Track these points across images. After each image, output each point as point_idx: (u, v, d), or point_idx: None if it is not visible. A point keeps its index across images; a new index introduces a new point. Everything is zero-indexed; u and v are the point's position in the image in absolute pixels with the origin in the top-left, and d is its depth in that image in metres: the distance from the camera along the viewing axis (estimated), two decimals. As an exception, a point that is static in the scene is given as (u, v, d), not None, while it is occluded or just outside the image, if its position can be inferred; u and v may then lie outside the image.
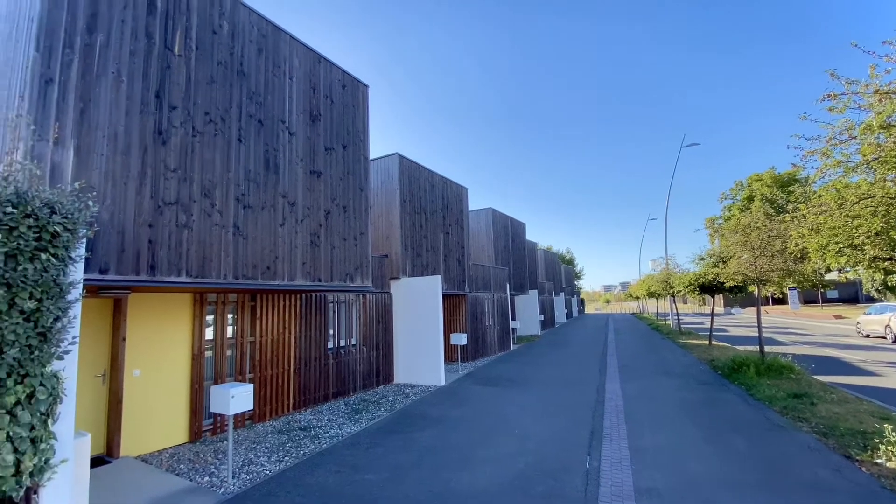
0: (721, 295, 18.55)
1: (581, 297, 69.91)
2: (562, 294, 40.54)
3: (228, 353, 7.56)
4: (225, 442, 6.82)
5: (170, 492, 4.98)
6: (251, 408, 5.41)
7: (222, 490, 5.01)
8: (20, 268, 2.90)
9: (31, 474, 3.06)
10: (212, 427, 7.21)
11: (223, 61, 5.76)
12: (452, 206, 14.83)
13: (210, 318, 7.35)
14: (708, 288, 17.47)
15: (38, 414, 3.13)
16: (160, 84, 4.97)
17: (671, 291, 23.28)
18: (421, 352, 11.42)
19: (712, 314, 18.54)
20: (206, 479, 5.37)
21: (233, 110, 5.82)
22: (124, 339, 6.18)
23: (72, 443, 3.45)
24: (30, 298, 2.97)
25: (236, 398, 5.14)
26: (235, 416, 7.29)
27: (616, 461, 5.57)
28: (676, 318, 26.85)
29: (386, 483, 5.04)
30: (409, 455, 5.94)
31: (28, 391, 3.07)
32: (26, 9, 4.34)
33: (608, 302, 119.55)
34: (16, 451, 2.99)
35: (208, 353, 7.29)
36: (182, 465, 5.87)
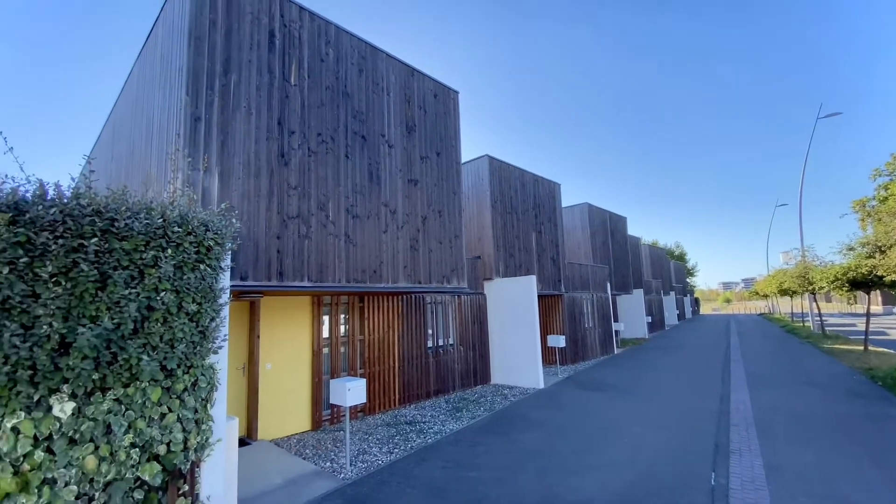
0: (878, 291, 15.39)
1: (695, 296, 63.03)
2: (672, 293, 37.11)
3: (342, 350, 8.27)
4: (341, 431, 7.47)
5: (300, 473, 5.59)
6: (364, 401, 5.85)
7: (342, 476, 5.49)
8: (185, 277, 3.51)
9: (195, 450, 3.67)
10: (330, 417, 7.94)
11: (330, 85, 6.35)
12: (545, 204, 14.46)
13: (325, 318, 8.12)
14: (860, 283, 14.61)
15: (200, 399, 3.74)
16: (281, 112, 5.65)
17: (810, 288, 19.95)
18: (517, 353, 11.31)
19: (868, 314, 15.48)
20: (328, 464, 5.93)
21: (340, 129, 6.38)
22: (258, 337, 7.11)
23: (224, 425, 4.06)
24: (192, 302, 3.57)
25: (352, 391, 5.60)
26: (351, 408, 7.96)
27: (748, 480, 4.94)
28: (818, 319, 22.89)
29: (491, 482, 5.08)
30: (513, 456, 5.92)
31: (192, 380, 3.69)
32: (177, 60, 5.25)
33: (728, 301, 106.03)
34: (184, 430, 3.62)
35: (325, 350, 8.05)
36: (307, 451, 6.56)
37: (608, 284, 18.23)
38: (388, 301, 9.16)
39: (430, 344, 10.10)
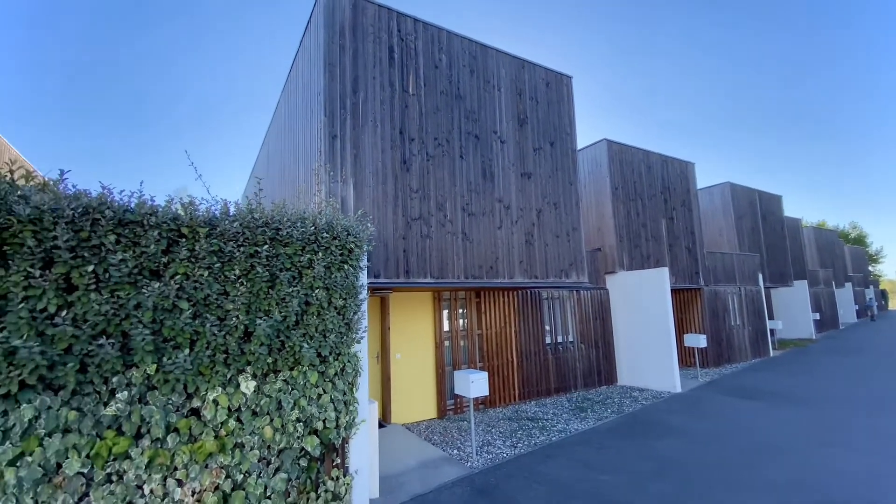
0: None
1: (880, 287, 50.13)
2: (847, 285, 30.36)
3: (461, 343, 8.58)
4: (465, 422, 7.76)
5: (430, 458, 5.97)
6: (487, 393, 6.00)
7: (469, 464, 5.71)
8: (333, 276, 4.01)
9: (345, 428, 4.17)
10: (453, 407, 8.30)
11: (444, 90, 6.61)
12: (676, 187, 13.01)
13: (445, 312, 8.50)
14: None
15: (347, 383, 4.24)
16: (402, 122, 6.08)
17: None
18: (648, 353, 10.41)
19: None
20: (455, 451, 6.21)
21: (454, 131, 6.61)
22: (389, 329, 7.76)
23: (367, 407, 4.54)
24: (339, 298, 4.06)
25: (475, 383, 5.79)
26: (473, 399, 8.22)
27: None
28: None
29: (624, 488, 4.79)
30: (648, 463, 5.49)
31: (341, 366, 4.20)
32: (315, 86, 5.98)
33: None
34: (335, 409, 4.13)
35: (446, 343, 8.44)
36: (435, 437, 6.96)
37: (760, 276, 15.67)
38: (504, 296, 9.21)
39: (548, 340, 9.88)
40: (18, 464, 2.77)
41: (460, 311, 8.70)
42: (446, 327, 8.50)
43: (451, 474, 5.39)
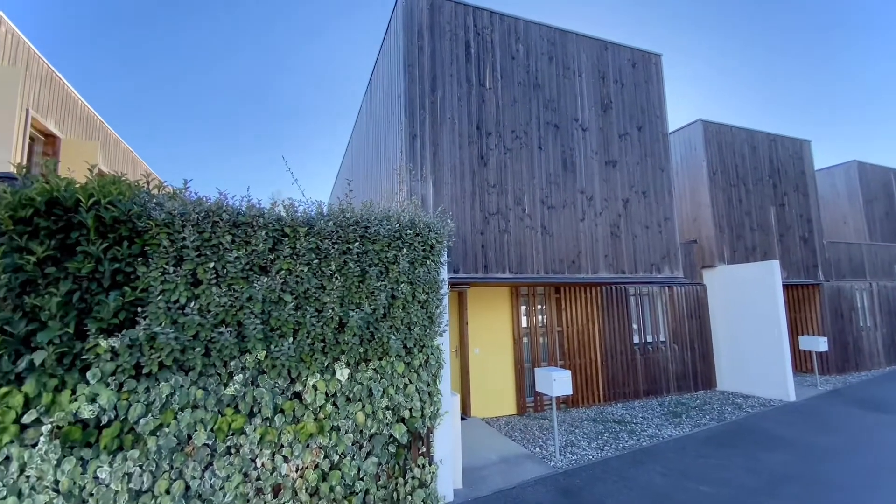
0: None
1: None
2: None
3: (540, 340, 8.39)
4: (546, 420, 7.59)
5: (511, 453, 5.94)
6: (570, 392, 5.80)
7: (552, 463, 5.58)
8: (416, 271, 4.14)
9: (430, 418, 4.29)
10: (533, 404, 8.17)
11: (522, 81, 6.48)
12: (787, 169, 11.47)
13: (523, 308, 8.37)
14: None
15: (431, 375, 4.35)
16: (479, 117, 6.07)
17: None
18: (755, 356, 9.34)
19: None
20: (537, 449, 6.11)
21: (532, 122, 6.45)
22: (467, 324, 7.84)
23: (450, 399, 4.63)
24: (423, 292, 4.18)
25: (558, 382, 5.63)
26: (555, 398, 8.03)
27: None
28: None
29: (730, 502, 4.37)
30: (756, 478, 4.94)
31: (425, 358, 4.33)
32: (396, 89, 6.18)
33: None
34: (420, 400, 4.27)
35: (524, 340, 8.31)
36: (516, 433, 6.90)
37: (898, 270, 13.28)
38: (586, 292, 8.83)
39: (636, 340, 9.29)
40: (158, 433, 3.25)
41: (539, 307, 8.51)
42: (524, 323, 8.37)
43: (534, 472, 5.31)
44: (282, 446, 3.61)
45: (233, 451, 3.47)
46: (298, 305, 3.62)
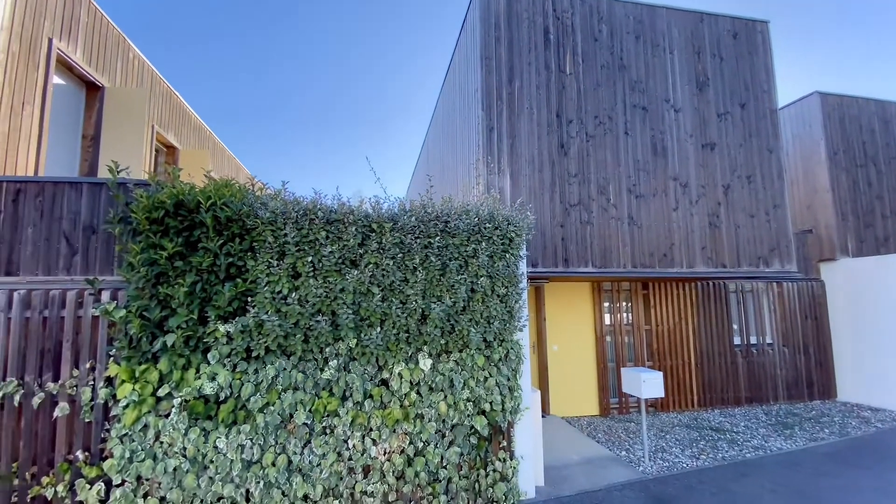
0: None
1: None
2: None
3: (625, 339, 7.93)
4: (632, 423, 7.18)
5: (595, 455, 5.70)
6: (661, 395, 5.42)
7: (641, 469, 5.26)
8: (496, 265, 4.11)
9: (510, 413, 4.25)
10: (618, 406, 7.76)
11: (605, 63, 6.12)
12: (935, 145, 9.57)
13: (606, 304, 7.96)
14: None
15: (511, 370, 4.31)
16: (559, 104, 5.85)
17: None
18: (887, 363, 7.98)
19: None
20: (623, 453, 5.80)
21: (617, 106, 6.07)
22: (545, 320, 7.64)
23: (530, 395, 4.55)
24: (502, 286, 4.15)
25: (647, 383, 5.28)
26: (644, 400, 7.58)
27: None
28: None
29: (859, 533, 3.79)
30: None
31: (504, 352, 4.30)
32: (472, 82, 6.16)
33: None
34: (501, 394, 4.25)
35: (607, 338, 7.91)
36: (599, 435, 6.61)
37: None
38: (678, 288, 8.15)
39: (737, 341, 8.40)
40: (265, 411, 3.59)
41: (624, 303, 8.03)
42: (608, 320, 7.96)
43: (620, 476, 5.05)
44: (371, 430, 3.81)
45: (328, 431, 3.73)
46: (385, 297, 3.78)
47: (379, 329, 3.75)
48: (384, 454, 3.85)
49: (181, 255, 3.44)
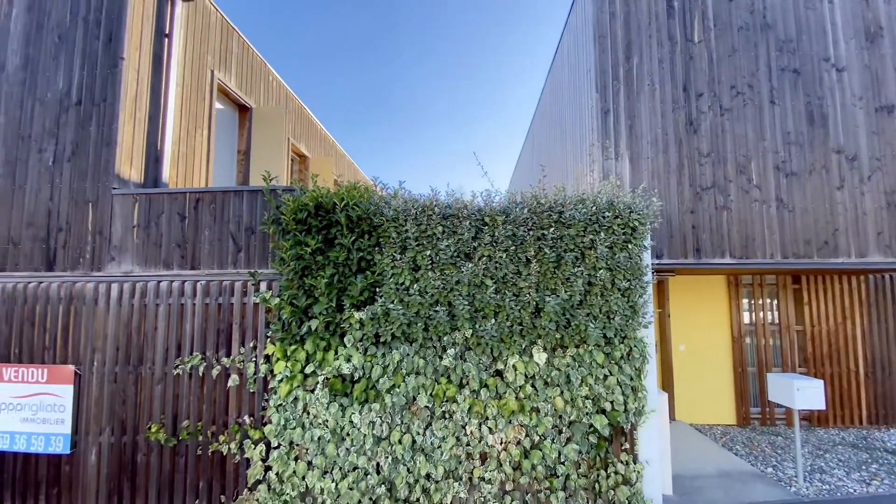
0: None
1: None
2: None
3: (770, 340, 6.88)
4: (779, 436, 6.24)
5: (733, 468, 5.09)
6: (822, 407, 4.61)
7: (793, 489, 4.56)
8: (616, 256, 3.87)
9: (634, 414, 3.99)
10: (759, 416, 6.80)
11: (743, 24, 5.33)
12: None
13: (745, 301, 7.00)
14: None
15: (634, 369, 4.04)
16: (685, 77, 5.26)
17: None
18: None
19: None
20: (769, 469, 5.08)
21: (760, 72, 5.26)
22: (669, 316, 6.99)
23: (657, 397, 4.22)
24: (623, 279, 3.90)
25: (802, 392, 4.54)
26: (798, 412, 6.54)
27: None
28: None
29: None
30: None
31: (627, 350, 4.04)
32: (584, 64, 5.85)
33: None
34: (623, 393, 4.00)
35: (747, 339, 6.96)
36: (737, 446, 5.88)
37: None
38: (840, 282, 6.81)
39: (929, 347, 6.75)
40: (391, 392, 3.89)
41: (769, 299, 6.98)
42: (747, 319, 6.99)
43: (767, 495, 4.43)
44: (487, 418, 3.89)
45: (447, 415, 3.91)
46: (498, 289, 3.82)
47: (493, 321, 3.80)
48: (500, 444, 3.91)
49: (321, 250, 3.89)
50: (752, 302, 6.96)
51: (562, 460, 3.89)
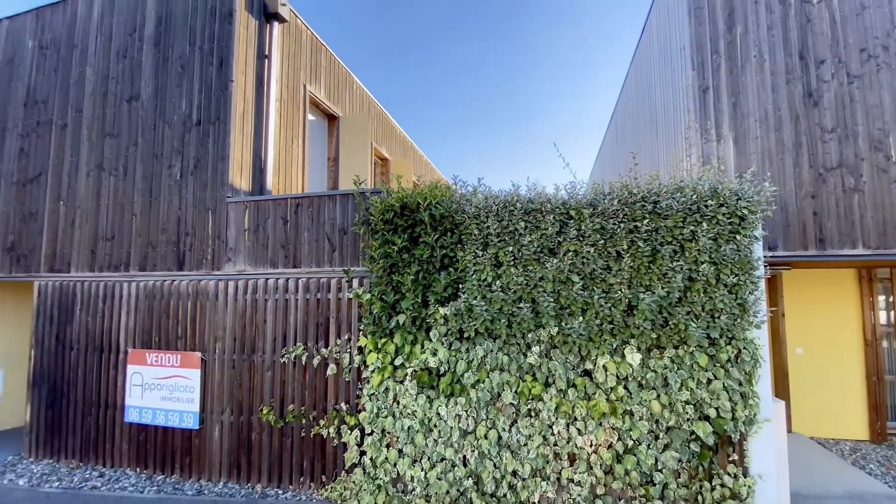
0: None
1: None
2: None
3: (918, 344, 5.82)
4: (932, 459, 5.26)
5: (868, 490, 4.40)
6: None
7: (956, 524, 3.82)
8: (721, 248, 3.52)
9: (743, 423, 3.60)
10: (903, 433, 5.79)
11: (877, -27, 4.54)
12: None
13: (882, 298, 5.98)
14: None
15: (744, 373, 3.65)
16: (801, 44, 4.62)
17: None
18: None
19: None
20: (920, 497, 4.31)
21: (901, 28, 4.44)
22: (783, 315, 6.21)
23: (771, 405, 3.77)
24: (730, 274, 3.53)
25: (968, 409, 3.77)
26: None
27: None
28: None
29: None
30: None
31: (734, 352, 3.66)
32: (676, 42, 5.38)
33: None
34: (730, 399, 3.63)
35: (884, 343, 5.95)
36: (871, 466, 5.08)
37: None
38: None
39: None
40: (476, 387, 3.93)
41: (913, 296, 5.90)
42: (884, 319, 5.97)
43: (920, 528, 3.76)
44: (575, 419, 3.77)
45: (533, 413, 3.86)
46: (585, 286, 3.68)
47: (580, 318, 3.66)
48: (590, 446, 3.77)
49: (407, 248, 4.04)
50: (891, 300, 5.93)
51: (659, 467, 3.65)
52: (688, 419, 3.63)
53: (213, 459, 4.70)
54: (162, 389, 4.93)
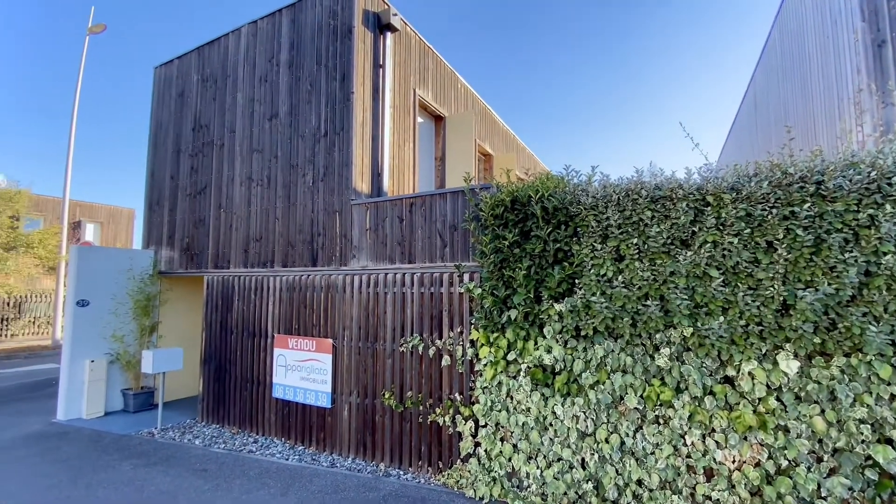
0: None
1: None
2: None
3: None
4: None
5: None
6: None
7: None
8: (915, 237, 2.84)
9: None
10: None
11: None
12: None
13: None
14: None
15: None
16: None
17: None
18: None
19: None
20: None
21: None
22: None
23: None
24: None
25: None
26: None
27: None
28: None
29: None
30: None
31: (935, 364, 2.94)
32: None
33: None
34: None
35: None
36: None
37: None
38: None
39: None
40: (596, 388, 3.74)
41: None
42: None
43: None
44: (713, 430, 3.38)
45: (661, 421, 3.55)
46: (727, 281, 3.26)
47: (720, 318, 3.25)
48: (732, 461, 3.35)
49: (518, 243, 4.01)
50: None
51: (823, 494, 3.09)
52: (862, 441, 3.02)
53: (343, 436, 5.20)
54: (301, 370, 5.60)
